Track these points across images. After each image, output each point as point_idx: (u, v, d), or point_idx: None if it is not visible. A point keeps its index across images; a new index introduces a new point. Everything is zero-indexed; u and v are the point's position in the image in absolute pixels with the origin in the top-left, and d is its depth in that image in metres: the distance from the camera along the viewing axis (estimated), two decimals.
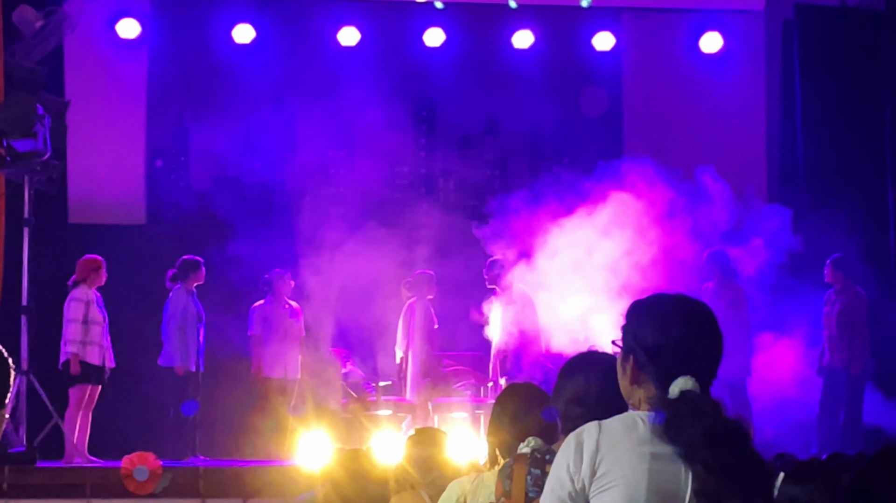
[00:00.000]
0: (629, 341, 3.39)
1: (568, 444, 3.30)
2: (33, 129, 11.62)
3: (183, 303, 12.80)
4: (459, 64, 14.76)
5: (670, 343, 3.32)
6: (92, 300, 12.37)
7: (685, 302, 3.41)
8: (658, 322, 3.36)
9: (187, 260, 12.88)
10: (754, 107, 15.04)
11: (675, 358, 3.29)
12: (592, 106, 14.71)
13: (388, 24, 14.85)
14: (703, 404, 3.23)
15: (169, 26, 14.51)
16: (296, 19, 14.71)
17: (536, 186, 13.13)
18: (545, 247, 12.52)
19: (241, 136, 14.46)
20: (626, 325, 3.41)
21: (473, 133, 14.97)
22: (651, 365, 3.32)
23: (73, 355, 12.18)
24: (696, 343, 3.33)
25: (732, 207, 12.68)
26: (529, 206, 12.98)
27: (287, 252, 13.68)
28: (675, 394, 3.25)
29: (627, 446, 3.24)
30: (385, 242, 13.38)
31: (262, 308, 13.45)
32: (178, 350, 12.74)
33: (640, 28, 15.20)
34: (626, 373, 3.39)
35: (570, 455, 3.27)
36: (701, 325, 3.36)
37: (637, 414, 3.31)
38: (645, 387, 3.34)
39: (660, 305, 3.41)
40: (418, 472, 5.47)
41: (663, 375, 3.29)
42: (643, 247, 12.56)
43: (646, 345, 3.34)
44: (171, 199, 13.71)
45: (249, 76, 14.52)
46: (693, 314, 3.38)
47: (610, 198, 12.57)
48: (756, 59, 15.21)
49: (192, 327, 12.76)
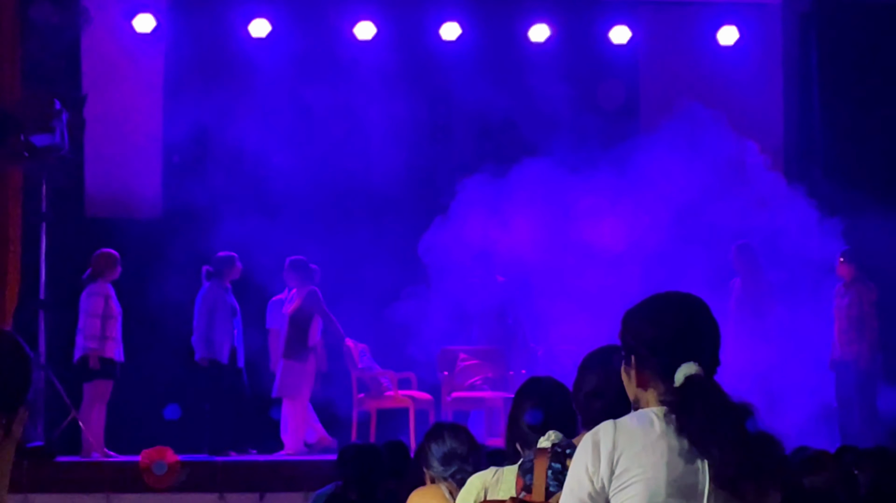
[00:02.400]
0: (628, 342, 3.43)
1: (585, 444, 3.31)
2: (51, 123, 11.65)
3: (213, 298, 12.85)
4: (475, 58, 14.74)
5: (668, 332, 3.36)
6: (110, 294, 12.40)
7: (676, 295, 3.47)
8: (653, 316, 3.41)
9: (222, 256, 12.96)
10: (772, 100, 15.00)
11: (675, 346, 3.33)
12: (609, 99, 14.69)
13: (404, 17, 14.83)
14: (709, 387, 3.27)
15: (185, 21, 14.51)
16: (312, 13, 14.71)
17: (553, 179, 13.15)
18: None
19: (258, 130, 14.47)
20: (623, 330, 3.46)
21: (490, 127, 14.95)
22: (653, 358, 3.35)
23: (93, 351, 12.21)
24: (692, 330, 3.37)
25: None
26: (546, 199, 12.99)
27: (304, 244, 13.68)
28: (680, 381, 3.28)
29: (644, 442, 3.25)
30: (401, 235, 13.40)
31: (279, 302, 13.47)
32: (202, 341, 12.80)
33: (657, 21, 15.17)
34: (632, 378, 3.42)
35: (588, 455, 3.28)
36: (694, 313, 3.41)
37: (651, 410, 3.33)
38: (653, 387, 3.36)
39: (652, 302, 3.46)
40: (437, 467, 5.46)
41: (667, 366, 3.32)
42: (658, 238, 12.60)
43: (645, 339, 3.38)
44: (187, 193, 13.70)
45: (266, 70, 14.52)
46: (685, 304, 3.44)
47: (626, 190, 12.61)
48: (773, 52, 15.16)
49: (222, 321, 12.80)
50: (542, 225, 13.23)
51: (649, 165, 13.23)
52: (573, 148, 13.37)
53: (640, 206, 13.24)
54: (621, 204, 13.17)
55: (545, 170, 13.30)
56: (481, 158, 13.89)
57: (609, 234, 13.21)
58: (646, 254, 12.90)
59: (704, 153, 13.30)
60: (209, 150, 14.57)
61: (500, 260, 13.44)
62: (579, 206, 13.14)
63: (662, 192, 13.12)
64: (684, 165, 13.12)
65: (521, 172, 13.33)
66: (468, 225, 13.24)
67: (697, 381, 3.26)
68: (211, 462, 11.95)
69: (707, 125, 13.53)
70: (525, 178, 13.35)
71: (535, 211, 13.24)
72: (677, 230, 12.90)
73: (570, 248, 13.21)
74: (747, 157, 13.67)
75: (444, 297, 13.18)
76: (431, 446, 5.48)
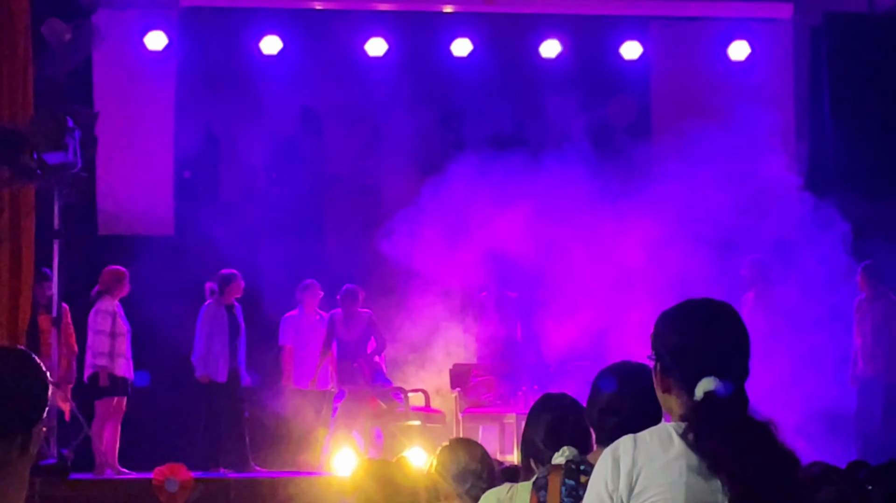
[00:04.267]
0: (657, 348, 3.40)
1: (604, 461, 3.29)
2: (63, 141, 11.66)
3: (212, 316, 12.86)
4: (487, 74, 14.75)
5: (691, 343, 3.32)
6: (117, 311, 12.42)
7: (707, 303, 3.42)
8: (679, 324, 3.38)
9: (224, 274, 12.97)
10: (783, 115, 14.98)
11: (698, 358, 3.29)
12: (620, 114, 14.68)
13: (415, 34, 14.85)
14: (726, 407, 3.23)
15: (196, 38, 14.54)
16: (323, 30, 14.73)
17: (564, 194, 13.14)
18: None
19: (269, 146, 14.50)
20: (654, 333, 3.43)
21: (501, 143, 14.95)
22: (676, 368, 3.32)
23: (102, 368, 12.22)
24: (718, 341, 3.33)
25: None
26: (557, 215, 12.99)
27: (315, 262, 13.70)
28: (699, 397, 3.25)
29: (664, 460, 3.23)
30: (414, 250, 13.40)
31: (292, 318, 13.48)
32: (201, 359, 12.82)
33: (668, 37, 15.17)
34: (659, 383, 3.39)
35: (608, 472, 3.26)
36: (722, 324, 3.37)
37: (671, 425, 3.30)
38: (676, 394, 3.33)
39: (681, 309, 3.42)
40: (452, 483, 5.45)
41: (689, 378, 3.29)
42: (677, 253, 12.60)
43: (669, 348, 3.35)
44: (199, 211, 13.72)
45: (277, 87, 14.54)
46: (714, 314, 3.39)
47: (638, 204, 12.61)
48: (784, 67, 15.15)
49: (221, 339, 12.80)
50: (554, 240, 13.23)
51: (661, 180, 13.22)
52: (585, 162, 13.37)
53: (652, 221, 13.23)
54: (633, 219, 13.17)
55: (556, 184, 13.30)
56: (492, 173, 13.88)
57: (622, 250, 13.21)
58: (659, 269, 12.88)
59: (716, 167, 13.29)
60: (220, 167, 14.60)
61: (512, 275, 13.43)
62: (591, 222, 13.13)
63: (675, 207, 13.11)
64: (696, 180, 13.11)
65: (532, 187, 13.33)
66: (481, 240, 13.24)
67: (715, 402, 3.23)
68: (224, 479, 11.94)
69: (718, 140, 13.52)
70: (536, 193, 13.35)
71: (546, 226, 13.23)
72: (690, 244, 12.89)
73: (582, 263, 13.20)
74: (759, 171, 13.65)
75: (455, 313, 13.18)
76: (446, 462, 5.47)
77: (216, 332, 12.84)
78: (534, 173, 13.50)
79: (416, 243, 13.56)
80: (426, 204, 14.58)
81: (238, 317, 13.00)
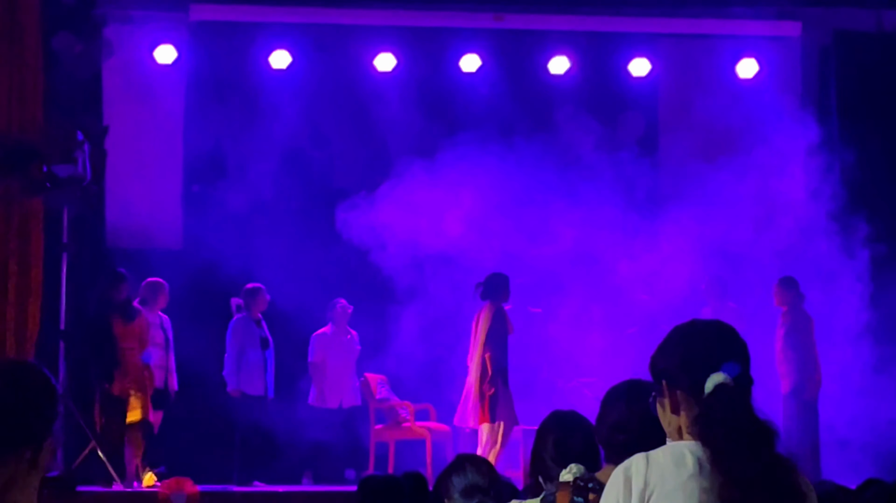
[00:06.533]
0: (659, 368, 3.42)
1: (616, 479, 3.28)
2: (73, 154, 11.71)
3: (242, 330, 12.95)
4: (495, 90, 14.76)
5: (698, 349, 3.35)
6: (153, 324, 12.52)
7: (701, 321, 3.48)
8: (681, 339, 3.41)
9: (249, 288, 13.06)
10: (791, 133, 14.97)
11: (705, 363, 3.30)
12: (629, 131, 14.69)
13: (424, 49, 14.86)
14: (736, 398, 3.24)
15: (206, 52, 14.56)
16: (332, 45, 14.74)
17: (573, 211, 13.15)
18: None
19: (278, 160, 14.51)
20: (653, 362, 3.45)
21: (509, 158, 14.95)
22: (684, 375, 3.33)
23: None
24: (721, 348, 3.35)
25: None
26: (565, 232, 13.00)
27: (325, 276, 13.70)
28: (710, 389, 3.26)
29: (676, 481, 3.22)
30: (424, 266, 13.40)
31: (323, 336, 13.50)
32: (232, 374, 12.90)
33: (676, 54, 15.17)
34: (666, 406, 3.39)
35: (620, 491, 3.26)
36: (722, 334, 3.40)
37: (684, 444, 3.29)
38: (685, 407, 3.33)
39: (678, 329, 3.46)
40: (459, 499, 5.44)
41: (698, 383, 3.29)
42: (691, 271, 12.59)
43: (675, 359, 3.37)
44: (208, 224, 13.73)
45: (286, 101, 14.55)
46: (711, 326, 3.44)
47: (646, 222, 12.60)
48: (793, 85, 15.15)
49: (254, 353, 12.89)
50: (563, 258, 13.23)
51: (669, 197, 13.23)
52: (593, 178, 13.39)
53: (660, 239, 13.24)
54: (642, 237, 13.17)
55: (564, 201, 13.30)
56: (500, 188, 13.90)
57: (630, 268, 13.21)
58: (668, 287, 12.89)
59: (723, 185, 13.30)
60: (229, 180, 14.60)
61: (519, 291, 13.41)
62: (599, 240, 13.13)
63: (682, 224, 13.11)
64: (703, 197, 13.12)
65: (539, 202, 13.33)
66: (490, 256, 13.23)
67: (726, 392, 3.24)
68: (229, 492, 11.94)
69: (726, 158, 13.54)
70: (543, 208, 13.35)
71: (553, 243, 13.23)
72: (699, 262, 12.89)
73: (590, 280, 13.21)
74: (767, 189, 13.66)
75: (465, 328, 13.17)
76: (453, 478, 5.45)
77: (248, 346, 12.94)
78: (542, 189, 13.50)
79: (425, 257, 13.56)
80: (435, 217, 14.60)
81: (266, 331, 13.10)
